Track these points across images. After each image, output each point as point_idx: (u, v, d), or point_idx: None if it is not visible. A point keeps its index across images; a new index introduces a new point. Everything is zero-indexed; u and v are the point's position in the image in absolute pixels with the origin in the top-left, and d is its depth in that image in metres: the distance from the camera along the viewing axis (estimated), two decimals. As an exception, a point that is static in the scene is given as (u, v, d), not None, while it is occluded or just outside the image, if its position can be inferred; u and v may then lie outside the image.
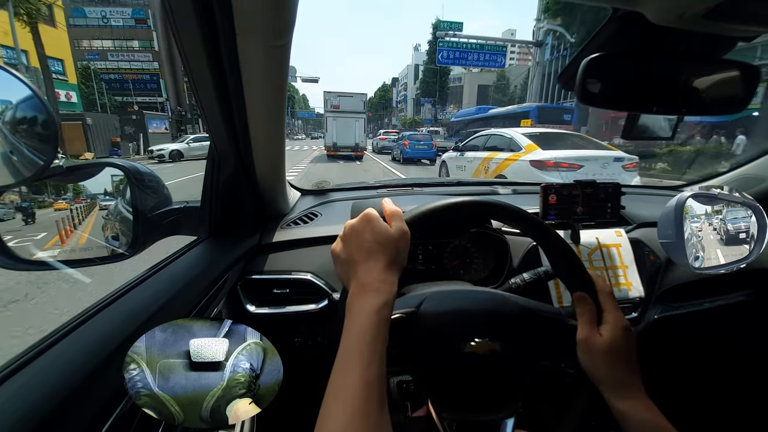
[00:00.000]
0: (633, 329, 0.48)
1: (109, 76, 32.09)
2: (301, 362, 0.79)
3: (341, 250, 0.44)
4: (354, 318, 0.38)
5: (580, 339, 0.46)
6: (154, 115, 21.40)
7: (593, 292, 0.49)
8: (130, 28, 32.53)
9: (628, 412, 0.43)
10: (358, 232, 0.43)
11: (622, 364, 0.45)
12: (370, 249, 0.42)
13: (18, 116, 0.39)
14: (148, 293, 0.52)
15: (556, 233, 0.51)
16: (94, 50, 32.69)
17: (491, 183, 1.37)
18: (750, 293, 0.97)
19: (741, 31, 0.39)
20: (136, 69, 32.89)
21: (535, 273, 0.64)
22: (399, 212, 0.46)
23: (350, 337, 0.37)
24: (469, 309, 0.51)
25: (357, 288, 0.40)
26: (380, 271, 0.41)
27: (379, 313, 0.38)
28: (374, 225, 0.43)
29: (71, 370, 0.36)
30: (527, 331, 0.50)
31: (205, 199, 0.74)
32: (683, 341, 0.99)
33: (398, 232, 0.43)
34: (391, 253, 0.42)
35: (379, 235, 0.42)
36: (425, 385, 0.51)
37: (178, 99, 26.84)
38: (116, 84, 32.05)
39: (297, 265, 0.82)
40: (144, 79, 32.97)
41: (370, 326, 0.37)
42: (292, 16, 0.45)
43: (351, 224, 0.44)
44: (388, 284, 0.40)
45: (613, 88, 0.43)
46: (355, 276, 0.41)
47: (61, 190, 0.57)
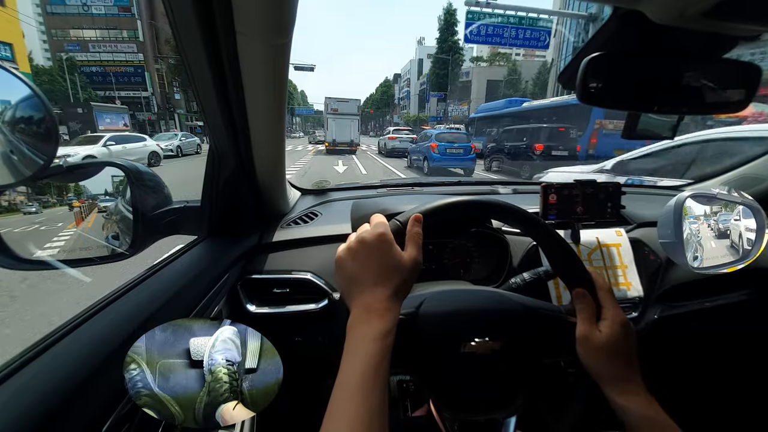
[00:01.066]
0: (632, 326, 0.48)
1: (90, 68, 29.97)
2: (302, 362, 0.79)
3: (349, 263, 0.42)
4: (357, 343, 0.37)
5: (579, 335, 0.46)
6: (107, 108, 17.98)
7: (592, 289, 0.49)
8: (113, 16, 30.19)
9: (628, 408, 0.43)
10: (371, 251, 0.41)
11: (622, 360, 0.45)
12: (381, 274, 0.40)
13: (18, 116, 0.39)
14: (148, 293, 0.52)
15: (555, 231, 0.51)
16: (74, 40, 30.46)
17: (492, 182, 1.37)
18: (750, 293, 0.97)
19: (742, 30, 0.39)
20: (119, 61, 30.56)
21: (535, 273, 0.64)
22: (419, 238, 0.44)
23: (353, 363, 0.36)
24: (468, 309, 0.51)
25: (361, 311, 0.39)
26: (387, 298, 0.40)
27: (383, 341, 0.37)
28: (389, 249, 0.41)
29: (71, 370, 0.36)
30: (527, 329, 0.50)
31: (205, 198, 0.74)
32: (683, 341, 0.99)
33: (412, 262, 0.42)
34: (400, 281, 0.41)
35: (393, 261, 0.41)
36: (427, 386, 0.51)
37: (166, 94, 25.38)
38: (98, 77, 29.89)
39: (297, 265, 0.82)
40: (128, 71, 30.51)
41: (374, 354, 0.36)
42: (292, 15, 0.45)
43: (363, 239, 0.42)
44: (393, 312, 0.40)
45: (614, 87, 0.43)
46: (360, 297, 0.40)
47: (63, 190, 0.57)
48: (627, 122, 0.53)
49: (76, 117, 18.21)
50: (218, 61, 0.51)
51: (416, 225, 0.45)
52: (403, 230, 0.44)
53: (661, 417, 0.42)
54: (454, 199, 0.49)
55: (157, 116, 26.35)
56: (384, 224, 0.43)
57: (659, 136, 0.55)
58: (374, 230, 0.42)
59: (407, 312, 0.49)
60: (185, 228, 0.73)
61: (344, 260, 0.42)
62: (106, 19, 30.49)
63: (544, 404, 0.84)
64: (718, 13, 0.34)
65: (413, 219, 0.45)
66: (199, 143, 17.21)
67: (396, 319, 0.40)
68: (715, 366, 1.08)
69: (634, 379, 0.45)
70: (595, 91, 0.42)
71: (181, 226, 0.72)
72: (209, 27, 0.46)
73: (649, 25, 0.38)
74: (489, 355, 0.48)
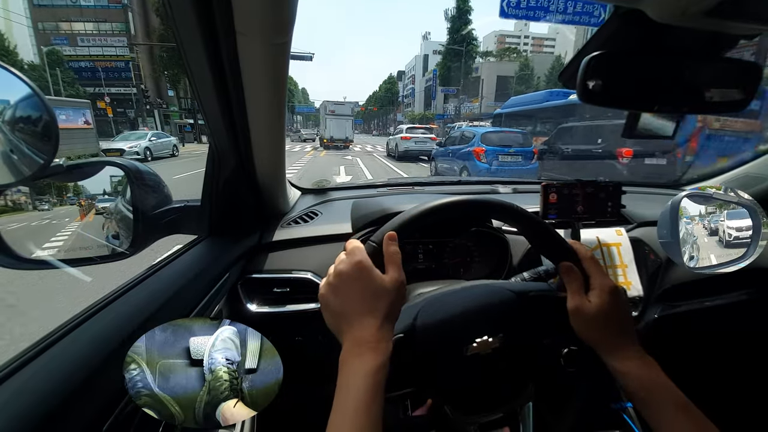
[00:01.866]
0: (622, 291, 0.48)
1: (78, 63, 28.27)
2: (302, 361, 0.79)
3: (332, 299, 0.41)
4: (349, 379, 0.36)
5: (570, 308, 0.47)
6: (64, 103, 13.32)
7: (577, 261, 0.49)
8: (103, 8, 28.54)
9: (626, 371, 0.43)
10: (351, 282, 0.40)
11: (614, 326, 0.46)
12: (366, 303, 0.40)
13: (18, 115, 0.39)
14: (148, 292, 0.52)
15: (528, 212, 0.51)
16: (62, 34, 28.99)
17: (492, 182, 1.37)
18: (750, 292, 0.97)
19: (743, 29, 0.39)
20: (108, 56, 28.86)
21: (536, 272, 0.64)
22: (398, 256, 0.43)
23: (345, 401, 0.35)
24: (464, 310, 0.50)
25: (352, 344, 0.38)
26: (377, 328, 0.39)
27: (375, 376, 0.36)
28: (369, 275, 0.40)
29: (71, 370, 0.36)
30: (523, 314, 0.51)
31: (205, 198, 0.74)
32: (683, 340, 0.99)
33: (394, 284, 0.41)
34: (387, 307, 0.40)
35: (376, 287, 0.40)
36: (439, 397, 0.51)
37: (158, 89, 23.64)
38: (87, 72, 28.20)
39: (297, 264, 0.82)
40: (118, 67, 28.75)
41: (366, 390, 0.35)
42: (292, 15, 0.45)
43: (341, 271, 0.41)
44: (384, 342, 0.39)
45: (614, 86, 0.43)
46: (349, 330, 0.39)
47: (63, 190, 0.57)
48: (627, 122, 0.53)
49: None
50: (218, 61, 0.51)
51: (392, 243, 0.43)
52: (380, 251, 0.43)
53: (661, 379, 0.42)
54: (424, 207, 0.48)
55: (135, 113, 25.01)
56: (360, 249, 0.42)
57: (659, 136, 0.55)
58: (350, 259, 0.41)
59: (404, 329, 0.48)
60: (185, 227, 0.73)
61: (326, 297, 0.42)
62: (94, 11, 28.92)
63: (544, 404, 0.85)
64: (720, 12, 0.33)
65: (387, 238, 0.43)
66: (175, 144, 15.40)
67: (389, 348, 0.39)
68: (715, 366, 1.08)
69: (630, 344, 0.45)
70: (595, 90, 0.42)
71: (181, 225, 0.72)
72: (209, 27, 0.46)
73: (650, 24, 0.37)
74: (492, 353, 0.48)
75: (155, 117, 12.55)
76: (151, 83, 25.34)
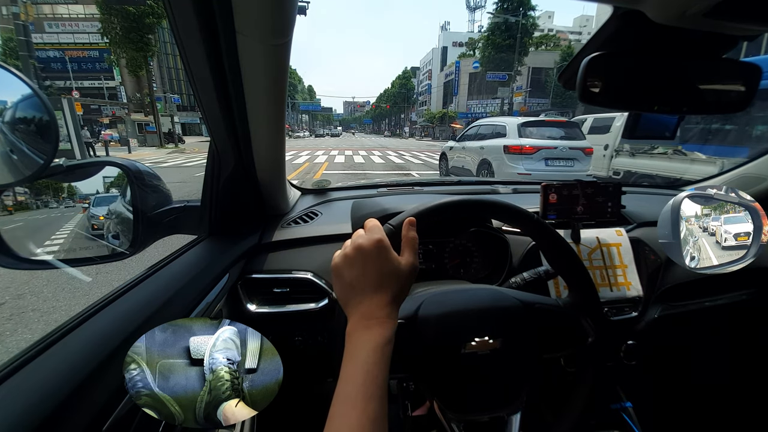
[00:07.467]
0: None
1: (46, 53, 23.72)
2: (302, 361, 0.79)
3: (346, 270, 0.41)
4: (358, 351, 0.37)
5: None
6: None
7: (594, 293, 0.49)
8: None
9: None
10: (368, 259, 0.41)
11: None
12: (379, 281, 0.40)
13: (18, 115, 0.39)
14: (148, 292, 0.52)
15: (554, 231, 0.51)
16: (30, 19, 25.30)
17: (492, 182, 1.37)
18: (751, 292, 0.97)
19: (742, 30, 0.39)
20: (80, 44, 24.12)
21: (536, 272, 0.64)
22: (415, 242, 0.43)
23: (354, 371, 0.36)
24: (467, 308, 0.51)
25: (360, 318, 0.39)
26: (386, 304, 0.40)
27: (383, 349, 0.37)
28: (386, 255, 0.41)
29: (71, 370, 0.36)
30: (527, 325, 0.51)
31: (206, 198, 0.74)
32: (683, 340, 0.99)
33: (409, 267, 0.42)
34: (398, 288, 0.41)
35: (391, 267, 0.41)
36: (429, 389, 0.51)
37: (138, 84, 19.42)
38: (57, 63, 24.01)
39: (297, 264, 0.82)
40: (91, 56, 24.29)
41: (375, 362, 0.36)
42: (292, 15, 0.45)
43: (360, 245, 0.41)
44: (392, 319, 0.40)
45: (614, 87, 0.43)
46: (359, 304, 0.40)
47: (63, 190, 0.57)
48: (627, 122, 0.53)
49: None
50: (218, 61, 0.51)
51: (411, 229, 0.44)
52: (397, 234, 0.44)
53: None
54: (446, 200, 0.49)
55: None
56: (380, 229, 0.43)
57: (659, 136, 0.56)
58: (371, 236, 0.42)
59: (406, 316, 0.49)
60: (185, 227, 0.73)
61: (341, 267, 0.42)
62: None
63: (544, 404, 0.85)
64: (719, 13, 0.34)
65: (407, 223, 0.44)
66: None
67: (395, 325, 0.40)
68: (714, 366, 1.08)
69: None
70: (595, 90, 0.42)
71: (182, 225, 0.72)
72: (209, 27, 0.46)
73: (650, 25, 0.38)
74: (489, 354, 0.48)
75: (63, 110, 8.62)
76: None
